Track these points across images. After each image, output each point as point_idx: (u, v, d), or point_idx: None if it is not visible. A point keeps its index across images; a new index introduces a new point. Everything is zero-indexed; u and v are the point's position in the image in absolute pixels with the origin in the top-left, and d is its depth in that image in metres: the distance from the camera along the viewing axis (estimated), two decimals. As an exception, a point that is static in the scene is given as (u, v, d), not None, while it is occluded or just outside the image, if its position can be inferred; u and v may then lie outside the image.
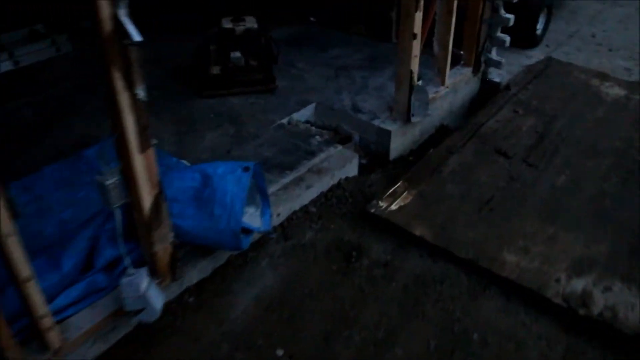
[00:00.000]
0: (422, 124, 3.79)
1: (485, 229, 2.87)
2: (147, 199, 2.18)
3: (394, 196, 3.10)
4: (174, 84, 4.10)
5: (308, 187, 3.03)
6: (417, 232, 2.84)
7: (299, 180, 3.06)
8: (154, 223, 2.24)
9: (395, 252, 2.78)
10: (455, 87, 4.07)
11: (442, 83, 3.92)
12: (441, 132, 4.04)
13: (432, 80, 3.95)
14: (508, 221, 2.92)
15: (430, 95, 3.78)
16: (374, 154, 3.68)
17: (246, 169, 2.48)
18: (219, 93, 3.92)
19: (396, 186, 3.17)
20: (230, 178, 2.43)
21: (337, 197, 3.12)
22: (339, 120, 3.80)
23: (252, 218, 2.70)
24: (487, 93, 4.36)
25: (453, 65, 4.15)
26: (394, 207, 3.01)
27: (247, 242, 2.53)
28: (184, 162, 3.20)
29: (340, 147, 3.34)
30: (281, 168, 3.13)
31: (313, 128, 3.80)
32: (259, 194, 2.78)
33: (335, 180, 3.20)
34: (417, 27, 3.25)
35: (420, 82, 3.65)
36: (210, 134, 3.49)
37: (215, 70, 3.88)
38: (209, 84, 3.92)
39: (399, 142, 3.64)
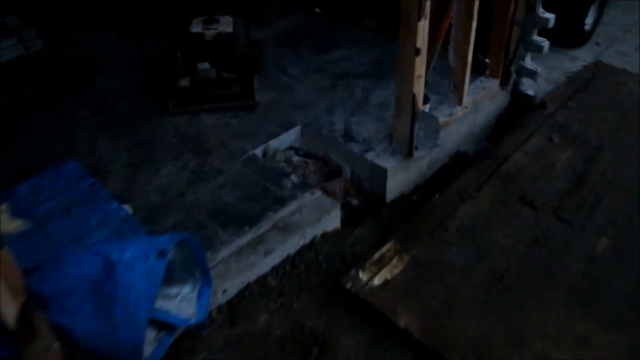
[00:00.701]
0: (432, 154, 3.07)
1: (493, 320, 2.18)
2: (10, 310, 1.61)
3: (380, 263, 2.43)
4: (140, 96, 3.50)
5: (268, 253, 2.39)
6: (402, 322, 2.18)
7: (257, 242, 2.43)
8: (25, 338, 1.67)
9: (371, 350, 2.14)
10: (476, 105, 3.30)
11: (459, 102, 3.16)
12: (457, 162, 3.31)
13: (447, 96, 3.19)
14: (524, 309, 2.22)
15: (443, 119, 3.05)
16: (367, 193, 3.00)
17: (162, 254, 1.86)
18: (188, 110, 3.29)
19: (385, 249, 2.49)
20: (139, 268, 1.82)
21: (308, 262, 2.48)
22: (327, 148, 3.12)
23: (184, 303, 2.10)
24: (518, 109, 3.57)
25: (476, 75, 3.38)
26: (377, 281, 2.35)
27: (165, 345, 1.94)
28: (126, 208, 2.62)
29: (318, 194, 2.68)
30: (239, 222, 2.50)
31: (295, 158, 3.14)
32: (198, 267, 2.18)
33: (307, 239, 2.55)
34: (421, 40, 2.51)
35: (427, 106, 2.91)
36: (167, 167, 2.88)
37: (184, 82, 3.25)
38: (177, 99, 3.29)
39: (400, 179, 2.94)
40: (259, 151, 3.01)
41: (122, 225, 2.51)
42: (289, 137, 3.17)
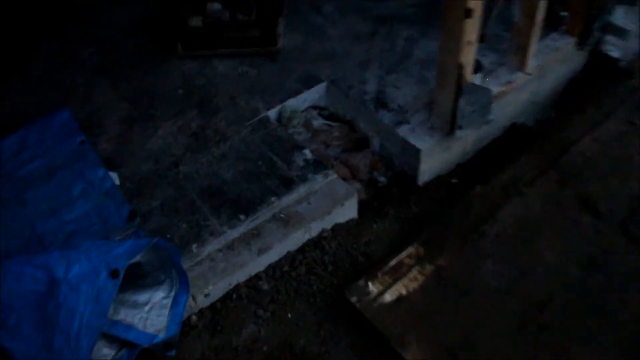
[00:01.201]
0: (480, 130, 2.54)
1: (523, 367, 1.78)
2: None
3: (397, 273, 2.03)
4: (148, 34, 3.07)
5: (263, 252, 2.04)
6: (410, 357, 1.82)
7: (253, 236, 2.07)
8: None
9: (369, 386, 1.81)
10: (543, 70, 2.68)
11: (522, 67, 2.56)
12: (512, 136, 2.76)
13: (508, 58, 2.59)
14: (565, 355, 1.80)
15: (499, 89, 2.49)
16: (397, 171, 2.54)
17: (114, 274, 1.54)
18: (200, 54, 2.84)
19: (404, 254, 2.09)
20: (85, 289, 1.51)
21: (310, 262, 2.11)
22: (356, 112, 2.63)
23: (154, 313, 1.81)
24: (597, 76, 2.91)
25: (547, 31, 2.72)
26: (388, 296, 1.97)
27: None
28: (113, 177, 2.30)
29: (333, 177, 2.25)
30: (235, 207, 2.13)
31: (317, 120, 2.68)
32: (174, 268, 1.86)
33: (313, 234, 2.16)
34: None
35: (479, 76, 2.35)
36: (167, 126, 2.51)
37: (195, 21, 2.78)
38: (187, 40, 2.84)
39: (437, 160, 2.46)
40: (273, 113, 2.57)
41: (105, 200, 2.20)
42: (312, 95, 2.70)
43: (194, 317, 1.95)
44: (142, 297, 1.83)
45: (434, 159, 2.43)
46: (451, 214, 2.24)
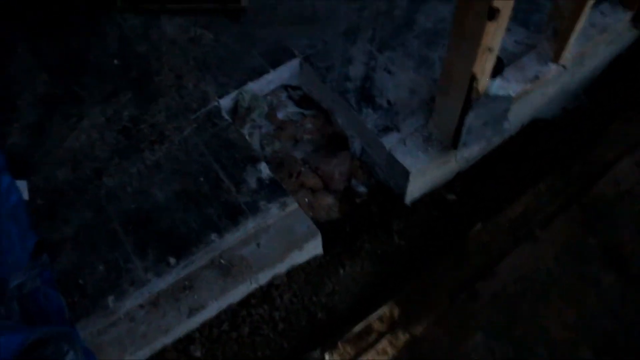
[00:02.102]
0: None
1: None
2: None
3: (361, 343, 1.63)
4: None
5: (195, 312, 1.62)
6: None
7: (184, 288, 1.64)
8: None
9: None
10: (582, 58, 2.06)
11: (556, 58, 1.95)
12: (529, 135, 2.20)
13: (541, 44, 1.97)
14: None
15: (522, 88, 1.91)
16: (380, 182, 2.04)
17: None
18: (144, 7, 2.22)
19: (374, 317, 1.66)
20: None
21: (257, 320, 1.69)
22: (333, 103, 2.08)
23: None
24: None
25: (594, 3, 2.06)
26: (347, 377, 1.58)
27: None
28: (21, 185, 1.83)
29: (292, 207, 1.76)
30: (165, 244, 1.69)
31: (288, 107, 2.13)
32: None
33: (261, 282, 1.72)
34: (503, -4, 1.31)
35: (496, 81, 1.76)
36: (93, 114, 1.99)
37: (135, -36, 2.12)
38: (128, -12, 2.20)
39: (430, 177, 1.94)
40: (227, 101, 2.02)
41: (7, 223, 1.75)
42: (281, 74, 2.12)
43: (104, 392, 1.59)
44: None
45: (427, 177, 1.91)
46: (439, 263, 1.77)
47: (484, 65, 1.52)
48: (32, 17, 2.27)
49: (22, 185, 1.84)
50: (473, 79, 1.55)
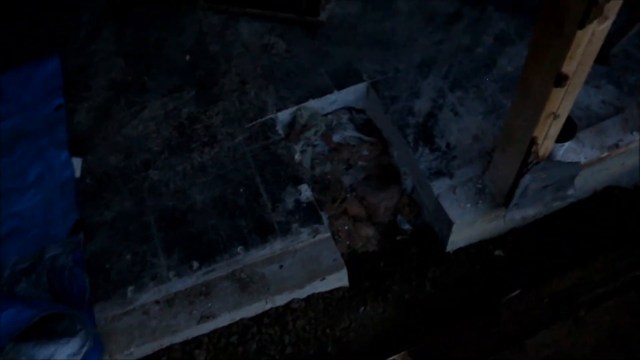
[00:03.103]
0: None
1: None
2: None
3: (364, 391, 1.55)
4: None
5: (205, 319, 1.61)
6: None
7: (199, 294, 1.64)
8: None
9: None
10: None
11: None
12: (601, 202, 2.00)
13: (628, 109, 1.79)
14: None
15: (597, 155, 1.74)
16: (424, 225, 1.95)
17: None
18: (225, 8, 2.25)
19: (383, 367, 1.58)
20: None
21: (266, 339, 1.66)
22: (391, 135, 2.00)
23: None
24: None
25: None
26: (343, 423, 1.51)
27: None
28: (76, 163, 1.93)
29: (324, 235, 1.70)
30: (192, 248, 1.70)
31: (348, 130, 2.09)
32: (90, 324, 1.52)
33: (277, 302, 1.69)
34: (576, 61, 1.18)
35: (564, 146, 1.62)
36: (155, 106, 2.05)
37: (224, -34, 2.16)
38: (214, -12, 2.25)
39: (477, 230, 1.82)
40: (285, 115, 2.00)
41: (56, 196, 1.85)
42: (345, 97, 2.07)
43: (107, 382, 1.62)
44: (43, 351, 1.50)
45: (473, 229, 1.79)
46: (466, 324, 1.65)
47: (546, 130, 1.39)
48: (121, 4, 2.37)
49: (77, 162, 1.93)
50: (532, 142, 1.42)
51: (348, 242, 1.91)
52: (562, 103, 1.30)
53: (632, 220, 1.93)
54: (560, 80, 1.21)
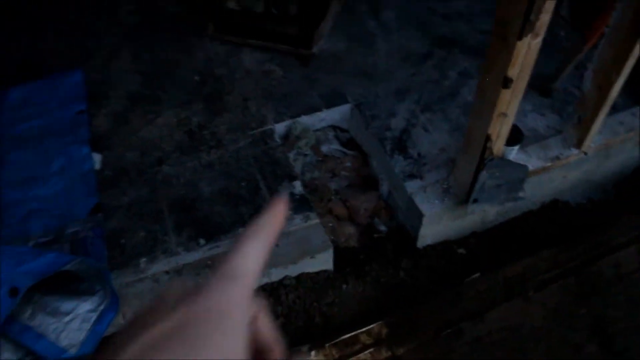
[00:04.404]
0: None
1: None
2: None
3: (346, 349, 1.79)
4: (187, 7, 2.86)
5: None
6: None
7: (204, 266, 1.88)
8: None
9: None
10: (607, 152, 2.24)
11: (578, 144, 2.13)
12: (550, 212, 2.35)
13: (567, 130, 2.17)
14: None
15: (542, 165, 2.10)
16: (400, 225, 2.24)
17: (14, 293, 1.41)
18: (230, 39, 2.62)
19: (363, 330, 1.82)
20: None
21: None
22: (371, 147, 2.34)
23: (75, 324, 1.70)
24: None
25: (628, 103, 2.26)
26: (327, 381, 1.74)
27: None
28: (96, 160, 2.19)
29: (313, 221, 1.99)
30: (199, 228, 1.95)
31: (332, 144, 2.41)
32: (108, 282, 1.73)
33: (273, 278, 1.94)
34: (518, 68, 1.55)
35: (515, 149, 1.98)
36: (167, 115, 2.34)
37: (232, 4, 2.54)
38: (220, 22, 2.62)
39: (444, 227, 2.13)
40: (281, 127, 2.32)
41: (78, 184, 2.10)
42: (332, 115, 2.41)
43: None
44: (66, 305, 1.71)
45: (440, 225, 2.10)
46: (435, 300, 1.93)
47: (498, 129, 1.74)
48: (137, 29, 2.72)
49: (97, 157, 2.19)
50: (487, 139, 1.77)
51: (332, 238, 2.19)
52: (509, 104, 1.66)
53: (572, 228, 2.28)
54: (507, 82, 1.57)
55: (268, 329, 0.46)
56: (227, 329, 0.39)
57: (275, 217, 0.47)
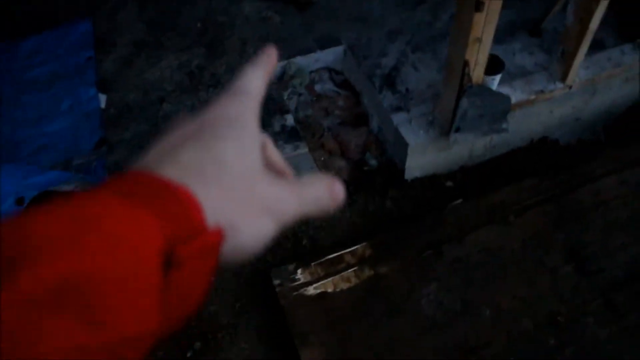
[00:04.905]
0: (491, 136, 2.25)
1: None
2: None
3: (331, 268, 1.90)
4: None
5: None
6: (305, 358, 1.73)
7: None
8: None
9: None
10: (594, 87, 2.27)
11: (562, 78, 2.18)
12: (538, 150, 2.42)
13: (551, 65, 2.22)
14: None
15: (525, 97, 2.16)
16: (388, 160, 2.34)
17: (20, 202, 1.56)
18: (231, -12, 2.72)
19: (348, 250, 1.94)
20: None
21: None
22: (362, 86, 2.42)
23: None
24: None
25: (619, 42, 2.30)
26: (312, 289, 1.85)
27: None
28: (101, 99, 2.32)
29: (302, 150, 2.10)
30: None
31: (327, 84, 2.50)
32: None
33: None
34: (489, -11, 1.62)
35: (497, 78, 2.05)
36: (169, 59, 2.47)
37: (232, -47, 2.63)
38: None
39: (430, 158, 2.22)
40: (276, 67, 2.42)
41: (84, 121, 2.24)
42: (326, 57, 2.50)
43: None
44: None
45: (426, 156, 2.19)
46: (418, 224, 2.02)
47: (474, 54, 1.81)
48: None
49: (103, 97, 2.33)
50: (465, 65, 1.84)
51: (323, 171, 2.29)
52: (484, 29, 1.73)
53: (559, 166, 2.33)
54: (479, 5, 1.64)
55: (276, 155, 0.50)
56: (242, 130, 0.42)
57: (269, 54, 0.50)
